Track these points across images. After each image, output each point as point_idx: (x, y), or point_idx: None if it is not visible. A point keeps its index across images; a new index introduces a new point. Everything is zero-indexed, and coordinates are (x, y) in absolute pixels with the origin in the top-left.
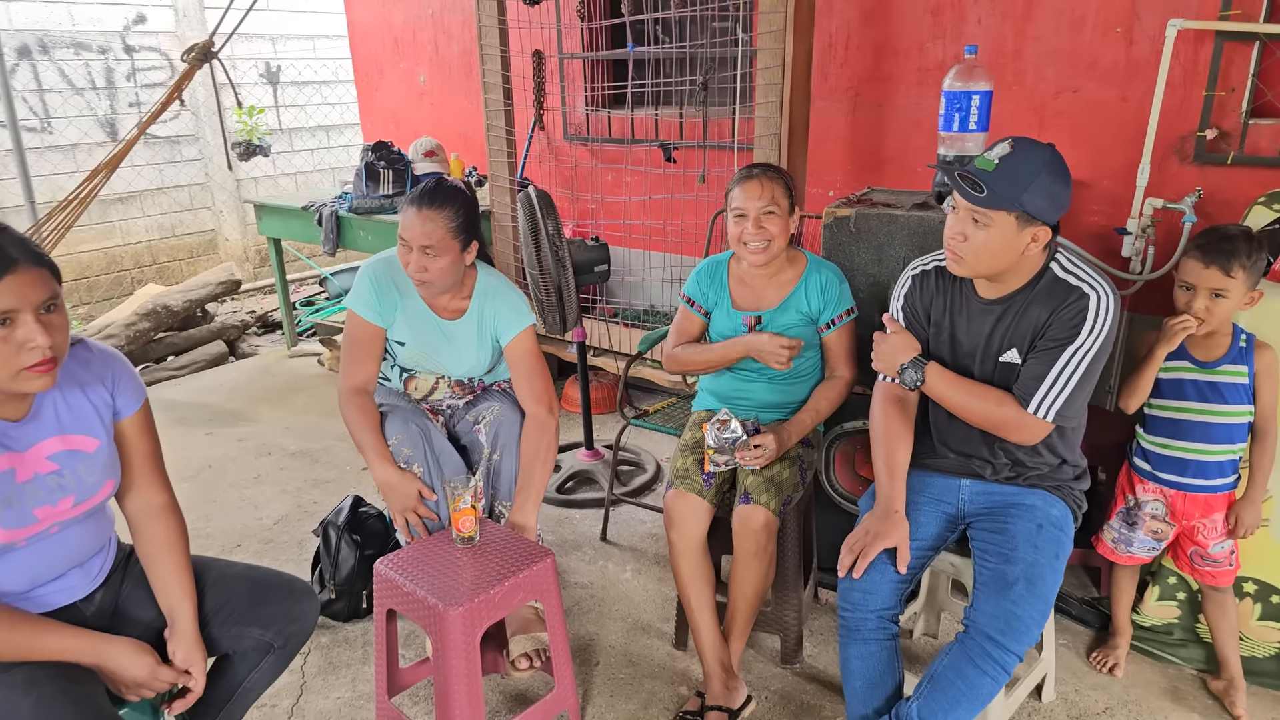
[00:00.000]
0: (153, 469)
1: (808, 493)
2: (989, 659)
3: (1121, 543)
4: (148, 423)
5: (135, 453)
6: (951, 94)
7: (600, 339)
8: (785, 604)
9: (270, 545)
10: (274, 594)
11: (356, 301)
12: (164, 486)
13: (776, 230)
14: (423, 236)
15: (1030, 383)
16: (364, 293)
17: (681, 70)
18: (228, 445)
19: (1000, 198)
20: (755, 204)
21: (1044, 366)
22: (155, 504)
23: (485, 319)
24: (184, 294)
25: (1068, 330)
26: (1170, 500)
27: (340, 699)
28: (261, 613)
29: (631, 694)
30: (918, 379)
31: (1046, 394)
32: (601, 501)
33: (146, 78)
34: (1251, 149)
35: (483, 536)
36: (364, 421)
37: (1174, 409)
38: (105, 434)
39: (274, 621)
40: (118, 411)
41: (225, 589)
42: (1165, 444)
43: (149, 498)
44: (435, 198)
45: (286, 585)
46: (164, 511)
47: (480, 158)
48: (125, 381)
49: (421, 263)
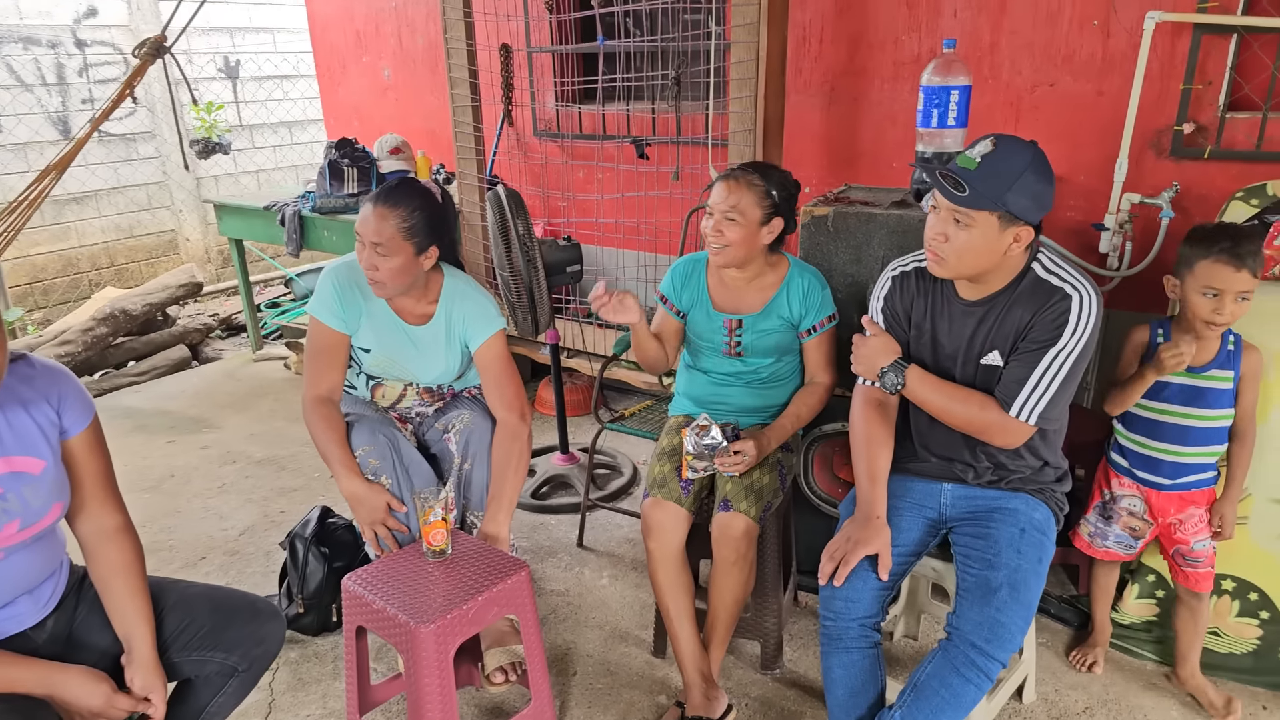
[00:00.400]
0: (104, 489)
1: (787, 497)
2: (973, 667)
3: (1098, 536)
4: (97, 441)
5: (85, 473)
6: (930, 89)
7: (574, 340)
8: (765, 610)
9: (236, 557)
10: (237, 616)
11: (319, 307)
12: (117, 507)
13: (734, 238)
14: (374, 234)
15: (1012, 386)
16: (326, 298)
17: (653, 64)
18: (191, 453)
19: (982, 197)
20: (719, 206)
21: (1026, 369)
22: (108, 526)
23: (454, 324)
24: (143, 297)
25: (1050, 332)
26: (1146, 497)
27: (310, 716)
28: (224, 636)
29: (610, 704)
30: (898, 382)
31: (1029, 397)
32: (577, 507)
33: (99, 73)
34: (1229, 143)
35: (455, 549)
36: (329, 432)
37: (1154, 410)
38: (52, 454)
39: (238, 645)
40: (65, 430)
41: (186, 612)
42: (1142, 443)
43: (101, 520)
44: (392, 196)
45: (250, 607)
46: (118, 533)
47: (448, 155)
48: (72, 399)
49: (372, 260)
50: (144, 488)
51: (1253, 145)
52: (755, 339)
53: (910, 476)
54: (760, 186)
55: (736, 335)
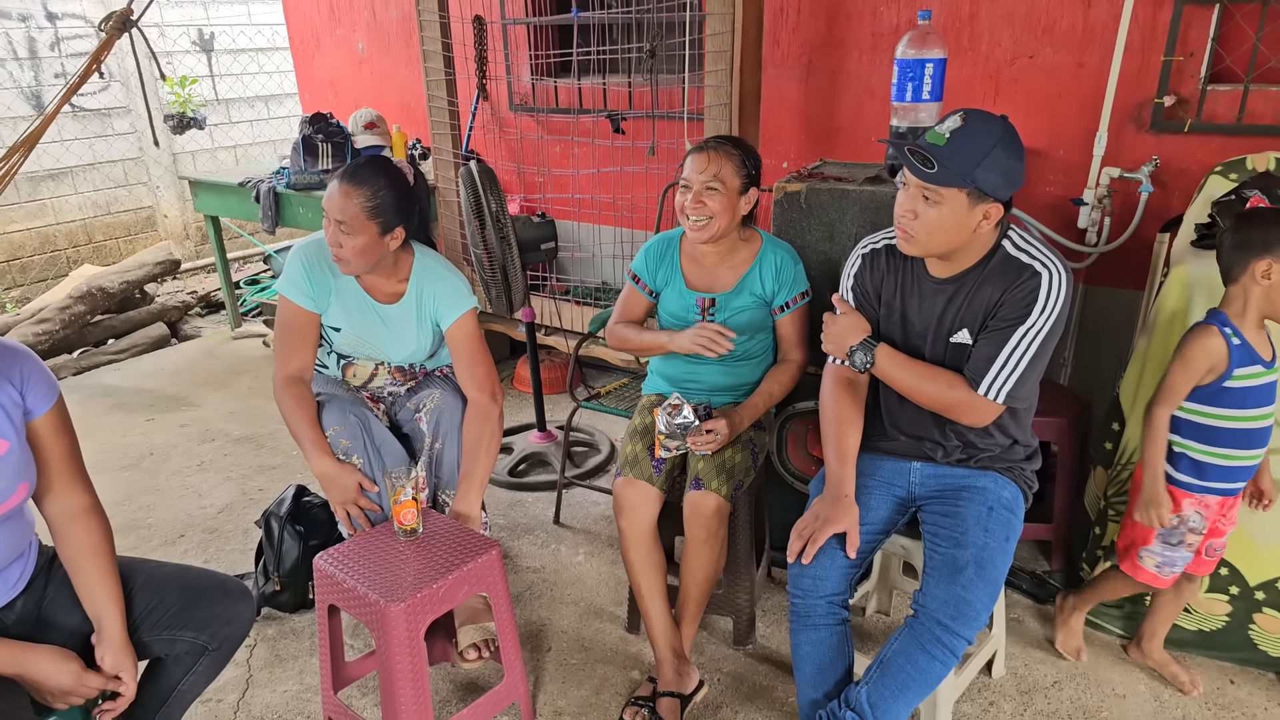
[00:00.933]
0: (71, 470)
1: (760, 474)
2: (939, 644)
3: (1166, 565)
4: (63, 421)
5: (51, 453)
6: (904, 62)
7: (550, 318)
8: (737, 586)
9: (215, 535)
10: (207, 596)
11: (287, 286)
12: (84, 488)
13: (717, 208)
14: (339, 211)
15: (981, 364)
16: (295, 276)
17: (629, 37)
18: (170, 431)
19: (951, 174)
20: (699, 177)
21: (994, 347)
22: (76, 506)
23: (424, 302)
24: (120, 275)
25: (1019, 310)
26: (1208, 505)
27: (287, 692)
28: (194, 616)
29: (584, 680)
30: (867, 360)
31: (997, 375)
32: (554, 484)
33: (71, 46)
34: (1209, 116)
35: (426, 528)
36: (300, 412)
37: (1249, 419)
38: (16, 435)
39: (207, 624)
40: (29, 411)
41: (155, 592)
42: (1229, 455)
43: (69, 500)
44: (359, 175)
45: (220, 586)
46: (86, 514)
47: (424, 129)
48: (35, 379)
49: (337, 238)
50: (123, 465)
51: (1234, 119)
52: (728, 317)
53: (880, 455)
54: (737, 156)
55: (710, 314)
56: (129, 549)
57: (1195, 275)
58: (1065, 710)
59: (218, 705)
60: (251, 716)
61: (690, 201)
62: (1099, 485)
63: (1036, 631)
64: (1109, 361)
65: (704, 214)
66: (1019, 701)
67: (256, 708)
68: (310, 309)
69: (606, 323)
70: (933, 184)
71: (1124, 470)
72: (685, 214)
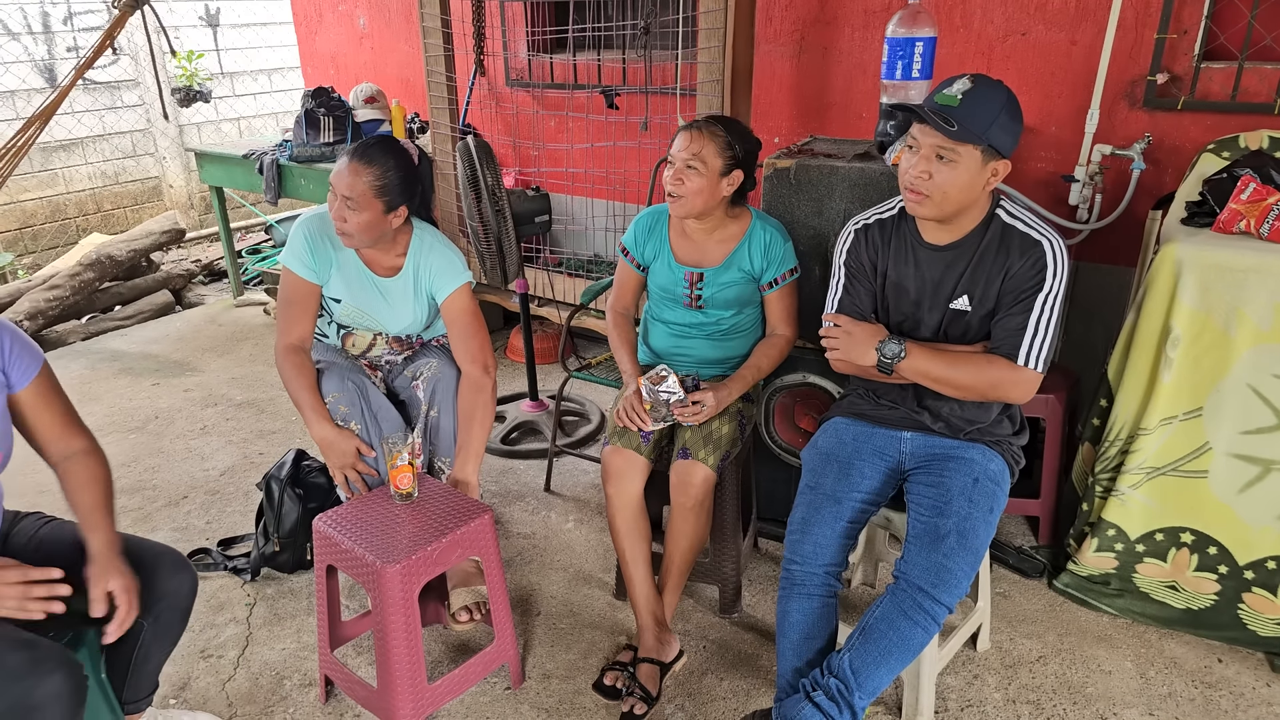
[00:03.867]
0: (66, 423)
1: (747, 445)
2: (920, 610)
3: None
4: (50, 385)
5: (44, 416)
6: (895, 40)
7: (544, 289)
8: (724, 555)
9: (217, 496)
10: (140, 567)
11: (290, 258)
12: (81, 433)
13: (692, 188)
14: (346, 188)
15: (1013, 336)
16: (298, 249)
17: (623, 13)
18: (174, 396)
19: (970, 132)
20: (680, 155)
21: (1021, 317)
22: (76, 449)
23: (420, 276)
24: (128, 243)
25: (1032, 279)
26: None
27: (285, 650)
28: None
29: (572, 644)
30: (900, 352)
31: (1032, 344)
32: (545, 452)
33: (83, 21)
34: (1202, 94)
35: (421, 493)
36: (300, 379)
37: None
38: None
39: (140, 597)
40: (11, 385)
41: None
42: None
43: (68, 446)
44: (368, 154)
45: (151, 560)
46: (84, 454)
47: (422, 104)
48: (17, 351)
49: (342, 212)
50: (130, 428)
51: (1227, 96)
52: (716, 292)
53: (871, 424)
54: (723, 137)
55: (698, 288)
56: (134, 509)
57: (1185, 253)
58: (1050, 685)
59: (219, 661)
60: (251, 672)
61: (670, 177)
62: (1086, 461)
63: (1023, 606)
64: (1099, 338)
65: (681, 191)
66: (1003, 675)
67: (255, 664)
68: (312, 281)
69: (598, 294)
70: (955, 141)
71: (1111, 447)
72: (666, 188)
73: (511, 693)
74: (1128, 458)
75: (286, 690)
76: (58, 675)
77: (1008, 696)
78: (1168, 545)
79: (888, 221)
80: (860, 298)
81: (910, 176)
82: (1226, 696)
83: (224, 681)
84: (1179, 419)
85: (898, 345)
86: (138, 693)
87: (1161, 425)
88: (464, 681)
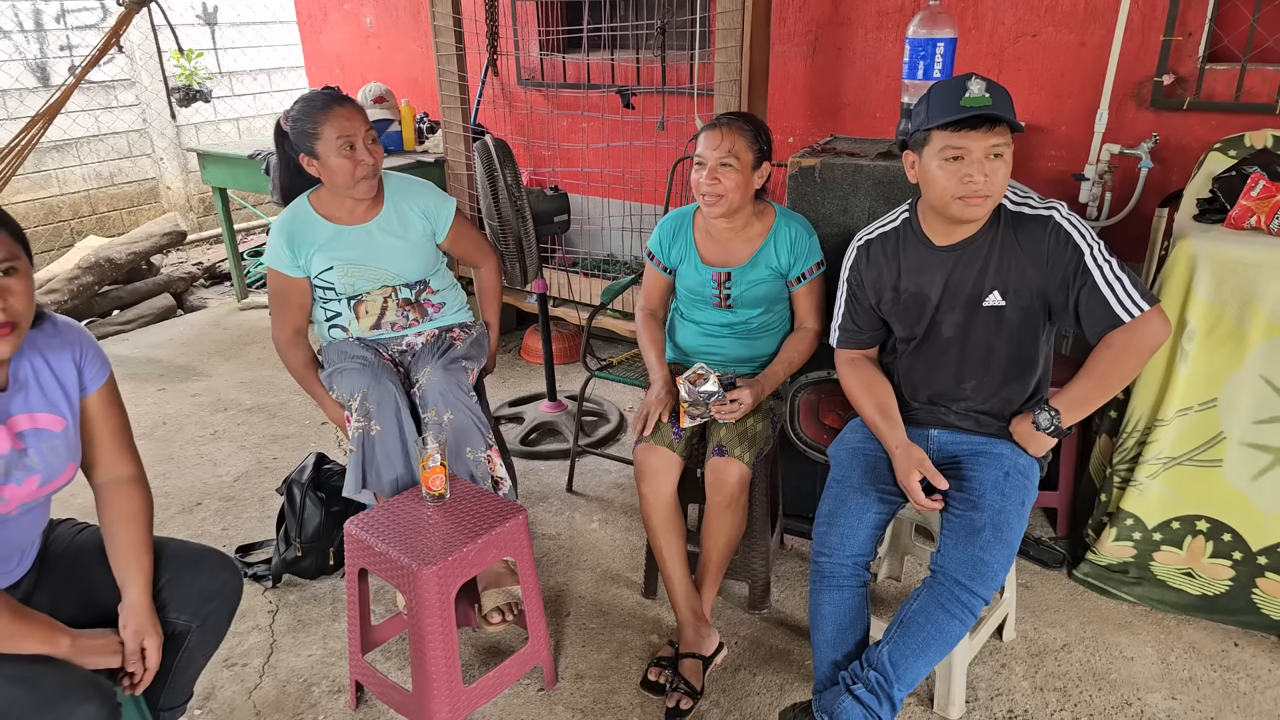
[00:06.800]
0: (120, 442)
1: (775, 443)
2: (957, 603)
3: None
4: (114, 396)
5: (103, 428)
6: (916, 41)
7: (560, 289)
8: (753, 552)
9: (232, 503)
10: (184, 571)
11: (273, 259)
12: (132, 459)
13: (730, 185)
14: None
15: (1102, 308)
16: (278, 250)
17: (638, 13)
18: (182, 401)
19: (1015, 124)
20: (713, 154)
21: (1095, 290)
22: (123, 475)
23: (408, 216)
24: (127, 246)
25: (1071, 254)
26: None
27: (312, 656)
28: (173, 594)
29: (603, 643)
30: (1054, 415)
31: (1123, 298)
32: (566, 453)
33: (77, 19)
34: (1208, 94)
35: (452, 494)
36: (305, 360)
37: None
38: (71, 413)
39: (186, 602)
40: (84, 387)
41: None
42: None
43: (116, 469)
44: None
45: (194, 559)
46: (130, 483)
47: (431, 103)
48: (92, 355)
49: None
50: (137, 435)
51: (1231, 96)
52: (744, 290)
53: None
54: (750, 130)
55: (726, 288)
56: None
57: (1199, 248)
58: (1075, 672)
59: (243, 669)
60: (277, 680)
61: (705, 178)
62: (1104, 453)
63: (1045, 597)
64: None
65: (719, 190)
66: (1029, 664)
67: (282, 672)
68: (297, 275)
69: (618, 294)
70: (1010, 135)
71: (1129, 438)
72: (700, 191)
73: (545, 694)
74: (1145, 448)
75: (315, 697)
76: (92, 704)
77: (1035, 684)
78: (1184, 533)
79: (891, 234)
80: (860, 318)
81: (975, 183)
82: (1244, 679)
83: (250, 690)
84: (1195, 410)
85: (1049, 415)
86: (174, 699)
87: (1178, 416)
88: (499, 684)
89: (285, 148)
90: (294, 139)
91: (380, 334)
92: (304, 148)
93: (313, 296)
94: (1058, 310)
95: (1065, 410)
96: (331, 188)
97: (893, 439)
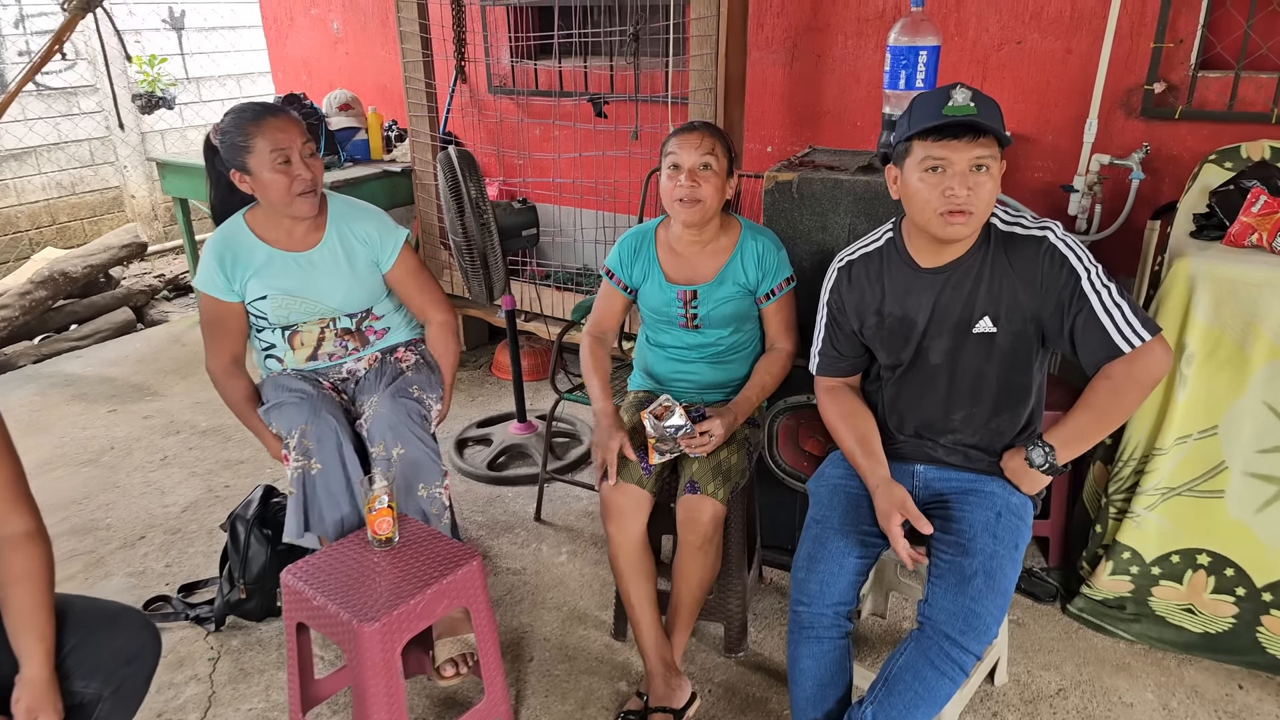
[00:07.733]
0: (11, 493)
1: (752, 473)
2: (947, 659)
3: None
4: (2, 444)
5: None
6: (898, 49)
7: (531, 303)
8: (729, 591)
9: (178, 536)
10: (94, 633)
11: (205, 283)
12: (27, 511)
13: (710, 190)
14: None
15: (1099, 337)
16: (210, 272)
17: (611, 19)
18: (133, 423)
19: (1002, 136)
20: (692, 155)
21: (1092, 317)
22: (17, 531)
23: (351, 244)
24: (84, 259)
25: (1066, 279)
26: None
27: (252, 711)
28: (81, 659)
29: (568, 692)
30: (1048, 452)
31: (1124, 325)
32: (535, 478)
33: (36, 24)
34: (1199, 103)
35: (402, 537)
36: (244, 392)
37: None
38: None
39: (96, 669)
40: None
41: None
42: None
43: (9, 525)
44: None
45: (109, 619)
46: (27, 539)
47: (400, 111)
48: None
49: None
50: (82, 461)
51: (1224, 105)
52: (712, 309)
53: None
54: (723, 136)
55: (692, 307)
56: (85, 552)
57: (1198, 268)
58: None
59: None
60: None
61: (685, 179)
62: (1098, 481)
63: (1038, 634)
64: None
65: (698, 195)
66: (1023, 711)
67: None
68: (231, 300)
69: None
70: (996, 147)
71: (1125, 467)
72: (676, 196)
73: None
74: (1142, 478)
75: None
76: None
77: None
78: (1184, 567)
79: (874, 254)
80: (841, 343)
81: (957, 197)
82: None
83: None
84: (1194, 437)
85: (1046, 451)
86: None
87: (1176, 444)
88: None
89: (215, 163)
90: (224, 154)
91: (317, 364)
92: (235, 163)
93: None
94: (1052, 336)
95: (1060, 447)
96: (267, 206)
97: (873, 475)
